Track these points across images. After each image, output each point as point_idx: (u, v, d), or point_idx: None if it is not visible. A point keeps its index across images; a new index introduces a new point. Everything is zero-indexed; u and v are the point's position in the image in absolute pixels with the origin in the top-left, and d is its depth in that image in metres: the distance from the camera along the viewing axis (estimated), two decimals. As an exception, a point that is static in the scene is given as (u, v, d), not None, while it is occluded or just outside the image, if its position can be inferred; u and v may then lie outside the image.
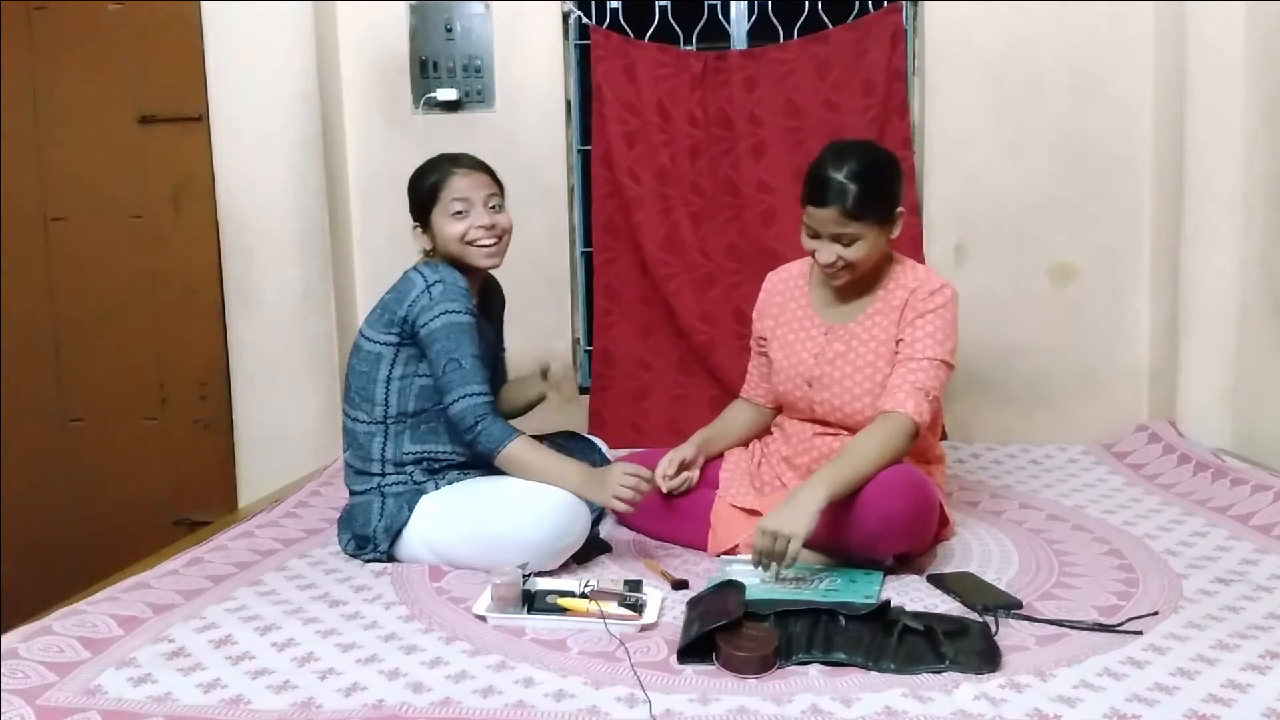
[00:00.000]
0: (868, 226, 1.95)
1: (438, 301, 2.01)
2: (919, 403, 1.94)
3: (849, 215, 1.92)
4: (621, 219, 3.08)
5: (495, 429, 2.00)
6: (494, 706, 1.40)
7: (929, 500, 1.92)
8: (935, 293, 2.02)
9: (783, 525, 1.76)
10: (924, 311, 2.00)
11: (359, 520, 2.06)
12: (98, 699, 1.42)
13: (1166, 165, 2.87)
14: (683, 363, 3.10)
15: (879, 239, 1.99)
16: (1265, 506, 2.18)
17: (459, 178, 2.09)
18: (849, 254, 1.97)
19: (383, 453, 2.08)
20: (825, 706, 1.38)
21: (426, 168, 2.15)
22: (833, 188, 1.92)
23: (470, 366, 2.00)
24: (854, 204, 1.91)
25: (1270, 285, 2.55)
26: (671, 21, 3.13)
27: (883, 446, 1.90)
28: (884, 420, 1.94)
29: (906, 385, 1.96)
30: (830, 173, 1.93)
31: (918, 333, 2.00)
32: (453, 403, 2.00)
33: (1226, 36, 2.63)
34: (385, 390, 2.07)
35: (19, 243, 3.12)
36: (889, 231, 2.01)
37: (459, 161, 2.13)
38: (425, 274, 2.05)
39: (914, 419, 1.92)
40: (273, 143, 2.85)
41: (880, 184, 1.95)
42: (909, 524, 1.88)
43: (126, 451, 3.16)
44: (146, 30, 3.00)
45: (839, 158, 1.95)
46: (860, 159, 1.95)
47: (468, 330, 2.02)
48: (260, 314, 2.90)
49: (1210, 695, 1.39)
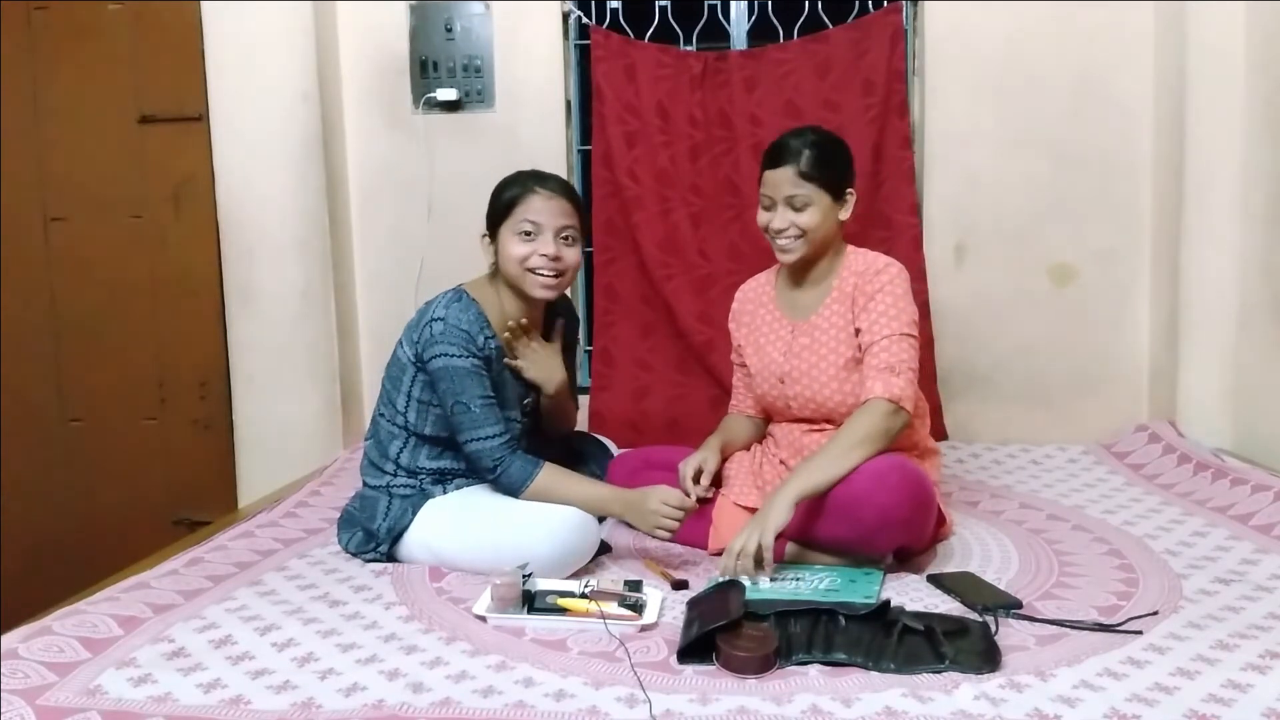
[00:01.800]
0: (819, 191, 2.05)
1: (436, 342, 1.98)
2: (886, 381, 1.97)
3: (802, 175, 2.04)
4: (621, 219, 3.09)
5: (514, 469, 1.98)
6: (494, 706, 1.40)
7: (925, 491, 1.92)
8: (879, 272, 2.07)
9: (752, 531, 1.81)
10: (873, 293, 2.05)
11: (365, 512, 2.06)
12: (98, 699, 1.42)
13: (1166, 165, 2.87)
14: (683, 363, 3.10)
15: (830, 212, 2.07)
16: (1265, 506, 2.18)
17: (538, 198, 2.03)
18: (801, 219, 2.05)
19: (398, 457, 2.08)
20: (825, 706, 1.38)
21: (511, 179, 2.08)
22: (790, 148, 2.06)
23: (479, 409, 1.97)
24: (807, 164, 2.04)
25: (1270, 285, 2.55)
26: (671, 21, 3.13)
27: (861, 433, 1.92)
28: (861, 409, 1.98)
29: (872, 370, 2.00)
30: (788, 138, 2.09)
31: (872, 315, 2.04)
32: (465, 443, 1.99)
33: (1226, 36, 2.64)
34: (406, 403, 2.06)
35: (19, 243, 3.12)
36: (839, 209, 2.09)
37: (544, 181, 2.06)
38: (437, 306, 2.01)
39: (885, 397, 1.95)
40: (273, 143, 2.85)
41: (834, 154, 2.08)
42: (906, 516, 1.88)
43: (126, 451, 3.16)
44: (146, 30, 3.00)
45: (796, 131, 2.11)
46: (815, 132, 2.11)
47: (469, 374, 1.97)
48: (260, 314, 2.90)
49: (1210, 695, 1.39)
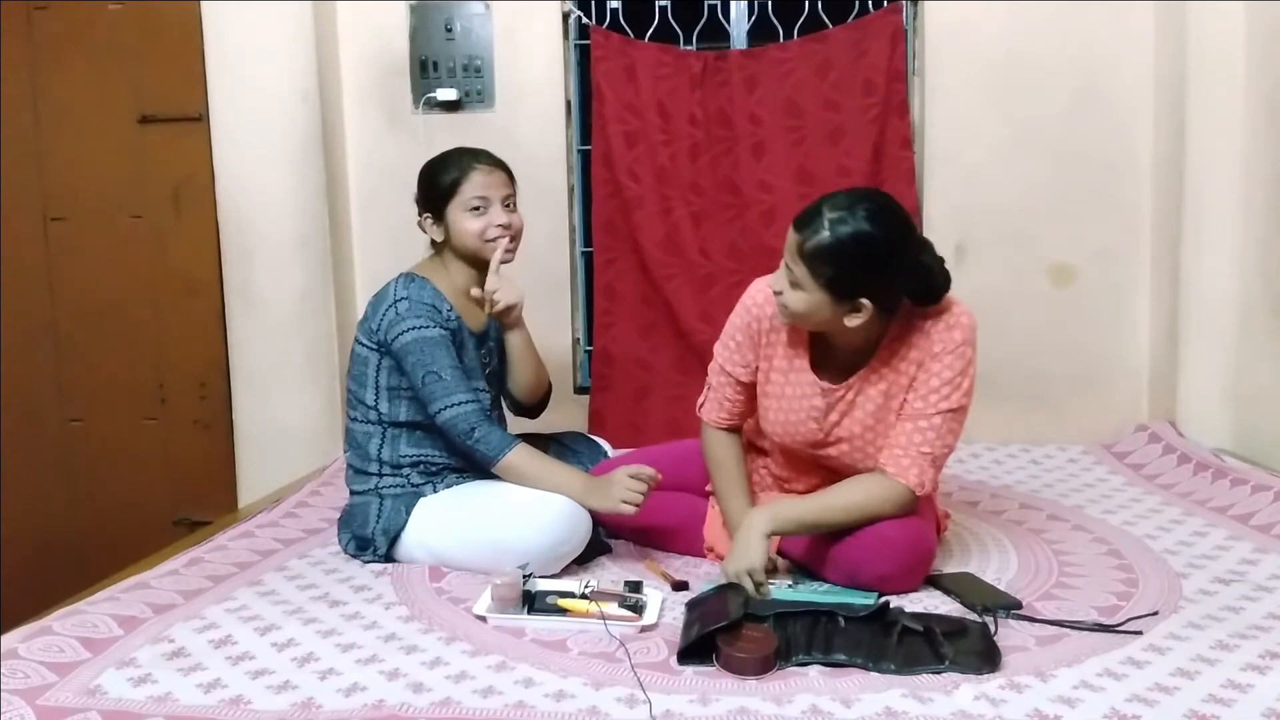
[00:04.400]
0: (813, 282, 1.70)
1: (404, 318, 2.01)
2: (923, 470, 1.78)
3: (799, 253, 1.70)
4: (621, 219, 3.08)
5: (493, 437, 1.99)
6: (494, 707, 1.40)
7: (924, 556, 1.85)
8: (951, 327, 1.79)
9: (739, 563, 1.77)
10: (939, 354, 1.78)
11: (358, 521, 2.06)
12: (98, 699, 1.42)
13: (1166, 165, 2.86)
14: (683, 363, 3.09)
15: (823, 309, 1.73)
16: (1265, 506, 2.18)
17: (480, 174, 2.09)
18: (788, 296, 1.74)
19: (380, 454, 2.08)
20: (825, 707, 1.38)
21: (446, 161, 2.13)
22: (811, 218, 1.70)
23: (451, 377, 1.99)
24: (813, 247, 1.68)
25: (1270, 285, 2.55)
26: (671, 21, 3.13)
27: (866, 504, 1.79)
28: (881, 482, 1.80)
29: (913, 449, 1.78)
30: (824, 205, 1.70)
31: (933, 380, 1.79)
32: (439, 412, 1.99)
33: (1226, 36, 2.63)
34: (375, 395, 2.07)
35: (19, 243, 3.12)
36: (842, 312, 1.72)
37: (479, 158, 2.12)
38: (395, 289, 2.06)
39: (914, 491, 1.79)
40: (273, 143, 2.85)
41: (853, 252, 1.67)
42: (903, 581, 1.82)
43: (126, 451, 3.16)
44: (146, 30, 3.00)
45: (844, 200, 1.70)
46: (858, 218, 1.67)
47: (439, 343, 2.00)
48: (260, 314, 2.90)
49: (1210, 695, 1.39)
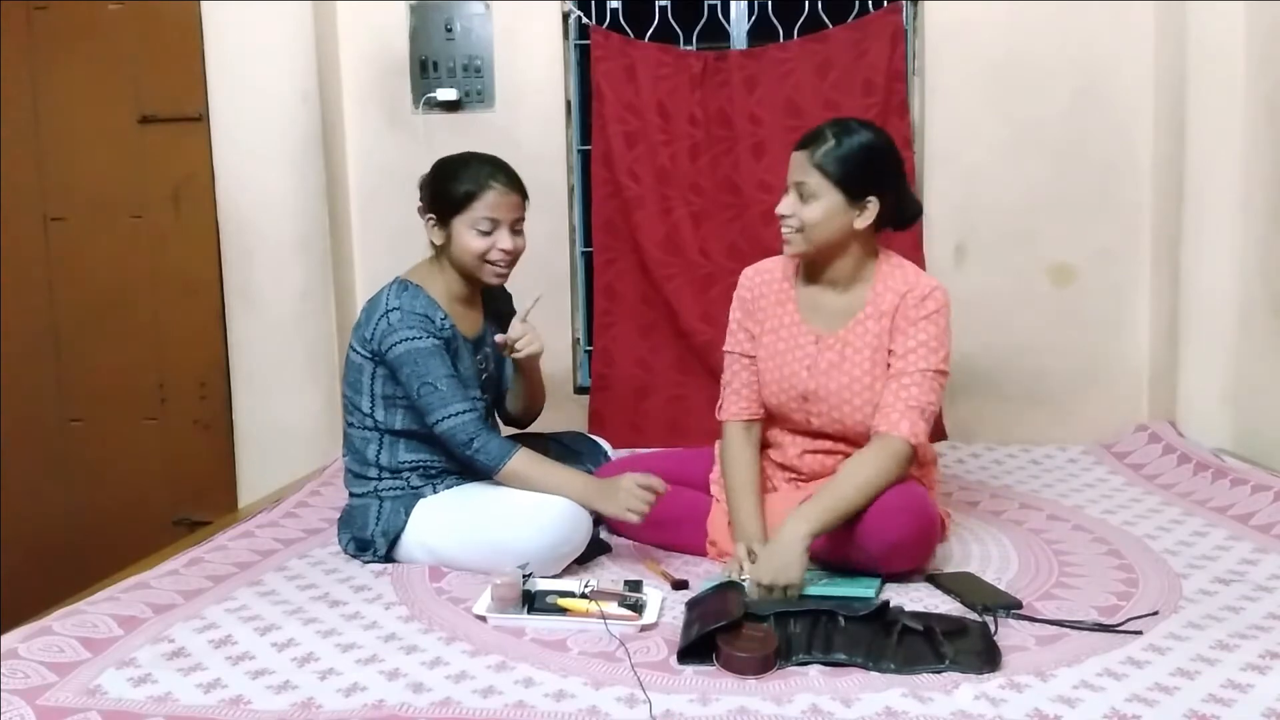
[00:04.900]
0: (828, 186, 1.89)
1: (396, 329, 1.99)
2: (914, 423, 1.87)
3: (813, 163, 1.90)
4: (621, 219, 3.08)
5: (492, 446, 1.98)
6: (494, 706, 1.40)
7: (931, 524, 1.88)
8: (926, 298, 1.93)
9: (778, 577, 1.74)
10: (916, 319, 1.93)
11: (357, 523, 2.06)
12: (98, 699, 1.42)
13: (1166, 165, 2.86)
14: (683, 363, 3.09)
15: (839, 213, 1.91)
16: (1265, 506, 2.18)
17: (496, 194, 2.02)
18: (804, 211, 1.91)
19: (378, 458, 2.07)
20: (825, 706, 1.38)
21: (464, 169, 2.05)
22: (816, 134, 1.92)
23: (447, 387, 1.97)
24: (823, 154, 1.89)
25: (1270, 285, 2.55)
26: (671, 21, 3.13)
27: (875, 474, 1.84)
28: (878, 445, 1.88)
29: (900, 404, 1.88)
30: (825, 124, 1.95)
31: (910, 342, 1.92)
32: (437, 423, 1.98)
33: (1226, 36, 2.63)
34: (371, 403, 2.06)
35: (19, 243, 3.12)
36: (854, 214, 1.92)
37: (498, 176, 2.04)
38: (388, 298, 2.03)
39: (909, 441, 1.86)
40: (273, 143, 2.85)
41: (861, 156, 1.90)
42: (912, 548, 1.85)
43: (126, 451, 3.16)
44: (146, 30, 3.00)
45: (842, 121, 1.95)
46: (859, 129, 1.93)
47: (433, 353, 1.98)
48: (260, 314, 2.90)
49: (1210, 695, 1.39)
